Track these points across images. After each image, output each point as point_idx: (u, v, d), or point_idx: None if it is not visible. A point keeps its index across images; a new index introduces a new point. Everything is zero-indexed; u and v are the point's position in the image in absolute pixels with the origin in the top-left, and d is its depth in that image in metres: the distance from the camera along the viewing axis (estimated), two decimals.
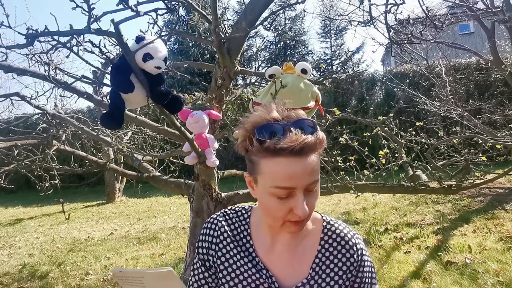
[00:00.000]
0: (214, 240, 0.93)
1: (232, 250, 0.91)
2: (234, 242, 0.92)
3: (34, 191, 5.88)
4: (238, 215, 0.97)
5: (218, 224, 0.95)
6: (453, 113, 5.54)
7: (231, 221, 0.96)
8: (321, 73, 10.74)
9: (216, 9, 2.22)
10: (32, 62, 1.84)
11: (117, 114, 1.30)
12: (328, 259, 0.88)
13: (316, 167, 0.78)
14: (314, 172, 0.77)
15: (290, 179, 0.76)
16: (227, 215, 0.97)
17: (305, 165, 0.76)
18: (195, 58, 14.04)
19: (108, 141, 3.52)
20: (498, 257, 3.44)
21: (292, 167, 0.75)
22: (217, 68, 2.61)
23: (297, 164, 0.75)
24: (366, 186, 2.97)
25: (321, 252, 0.89)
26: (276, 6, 11.17)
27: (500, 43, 8.56)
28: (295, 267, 0.89)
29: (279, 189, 0.77)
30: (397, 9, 2.46)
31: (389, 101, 9.29)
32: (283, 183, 0.76)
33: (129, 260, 4.43)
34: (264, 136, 0.77)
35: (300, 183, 0.77)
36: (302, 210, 0.76)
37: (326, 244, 0.90)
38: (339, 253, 0.88)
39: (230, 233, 0.93)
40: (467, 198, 5.46)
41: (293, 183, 0.76)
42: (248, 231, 0.94)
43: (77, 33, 1.29)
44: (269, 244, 0.91)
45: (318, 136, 0.78)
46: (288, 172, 0.75)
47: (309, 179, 0.77)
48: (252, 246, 0.92)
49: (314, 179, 0.78)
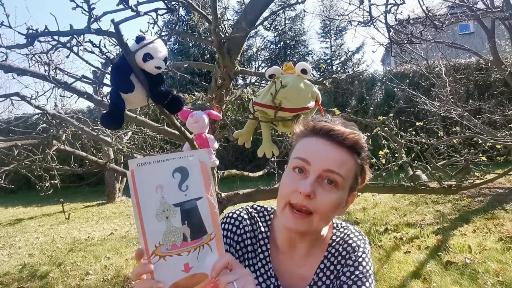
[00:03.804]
0: (236, 238, 0.90)
1: (250, 252, 0.89)
2: (254, 244, 0.90)
3: (34, 191, 5.87)
4: (260, 215, 0.95)
5: (242, 222, 0.92)
6: (453, 113, 5.54)
7: (254, 220, 0.93)
8: (321, 73, 10.76)
9: (216, 9, 2.22)
10: (32, 62, 1.84)
11: (117, 114, 1.30)
12: (332, 264, 0.88)
13: (340, 162, 0.79)
14: (336, 163, 0.78)
15: (309, 152, 0.79)
16: (250, 213, 0.94)
17: (329, 149, 0.79)
18: (195, 58, 14.06)
19: (108, 141, 3.52)
20: (498, 257, 3.44)
21: (316, 145, 0.80)
22: (217, 68, 2.61)
23: (322, 145, 0.80)
24: (366, 186, 2.96)
25: (326, 257, 0.89)
26: (276, 6, 11.17)
27: (500, 43, 8.56)
28: (303, 273, 0.88)
29: (296, 159, 0.80)
30: (397, 9, 2.45)
31: (389, 101, 9.29)
32: (302, 154, 0.80)
33: (129, 260, 4.43)
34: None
35: (316, 162, 0.78)
36: (305, 187, 0.76)
37: (333, 249, 0.89)
38: (343, 258, 0.87)
39: (252, 233, 0.91)
40: (467, 198, 5.46)
41: (310, 158, 0.79)
42: (268, 234, 0.92)
43: (77, 33, 1.29)
44: (285, 250, 0.89)
45: (357, 139, 0.80)
46: (311, 146, 0.80)
47: (327, 164, 0.77)
48: (268, 250, 0.90)
49: (332, 168, 0.77)
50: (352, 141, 0.79)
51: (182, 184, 0.66)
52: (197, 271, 0.65)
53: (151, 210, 0.63)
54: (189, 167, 0.66)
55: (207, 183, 0.67)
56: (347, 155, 0.79)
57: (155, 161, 0.65)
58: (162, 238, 0.63)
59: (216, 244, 0.67)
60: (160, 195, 0.64)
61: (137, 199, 0.62)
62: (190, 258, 0.65)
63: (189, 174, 0.66)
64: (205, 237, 0.66)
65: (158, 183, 0.64)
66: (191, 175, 0.66)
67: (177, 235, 0.65)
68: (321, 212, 0.78)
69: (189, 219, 0.65)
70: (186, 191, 0.66)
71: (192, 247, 0.65)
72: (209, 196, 0.67)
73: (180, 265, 0.65)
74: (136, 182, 0.63)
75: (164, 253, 0.64)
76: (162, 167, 0.65)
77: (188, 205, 0.66)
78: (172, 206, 0.64)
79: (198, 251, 0.66)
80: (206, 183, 0.67)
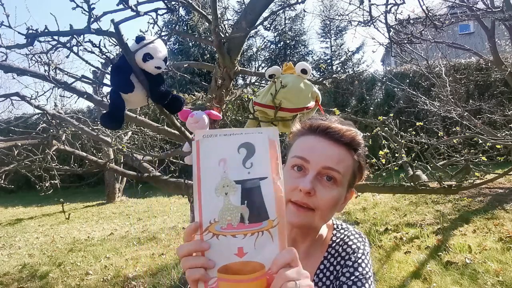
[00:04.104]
0: None
1: None
2: None
3: (34, 191, 5.87)
4: None
5: None
6: (453, 113, 5.54)
7: None
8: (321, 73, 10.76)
9: (216, 9, 2.22)
10: (32, 62, 1.84)
11: (117, 114, 1.30)
12: (332, 264, 0.88)
13: (338, 158, 0.80)
14: (334, 160, 0.80)
15: (308, 151, 0.80)
16: None
17: (327, 147, 0.80)
18: (195, 58, 14.06)
19: (108, 141, 3.52)
20: (498, 257, 3.44)
21: (314, 143, 0.81)
22: (217, 68, 2.61)
23: (320, 142, 0.81)
24: (366, 186, 2.97)
25: (326, 258, 0.89)
26: (276, 6, 11.16)
27: (500, 43, 8.56)
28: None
29: (295, 158, 0.81)
30: (397, 9, 2.46)
31: (389, 101, 9.29)
32: (301, 152, 0.81)
33: (129, 260, 4.43)
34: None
35: (315, 160, 0.79)
36: (305, 184, 0.77)
37: (333, 250, 0.89)
38: (343, 259, 0.87)
39: None
40: (467, 198, 5.46)
41: (309, 156, 0.79)
42: None
43: (77, 33, 1.29)
44: None
45: (353, 136, 0.82)
46: (309, 144, 0.81)
47: (325, 161, 0.79)
48: None
49: (331, 165, 0.79)
50: (349, 138, 0.81)
51: (246, 160, 0.61)
52: (252, 258, 0.59)
53: (211, 183, 0.60)
54: (256, 144, 0.61)
55: (275, 164, 0.61)
56: (344, 152, 0.81)
57: (221, 134, 0.62)
58: (218, 215, 0.59)
59: (278, 233, 0.60)
60: (222, 169, 0.60)
61: (199, 171, 0.60)
62: (246, 243, 0.59)
63: (256, 151, 0.61)
64: (265, 222, 0.60)
65: (222, 157, 0.60)
66: (257, 152, 0.61)
67: (234, 214, 0.59)
68: (322, 209, 0.79)
69: (249, 199, 0.60)
70: (250, 169, 0.60)
71: (250, 231, 0.59)
72: (275, 178, 0.61)
73: (234, 248, 0.59)
74: (200, 153, 0.60)
75: (218, 231, 0.59)
76: (228, 141, 0.61)
77: (250, 184, 0.60)
78: (233, 183, 0.60)
79: (255, 237, 0.59)
80: (273, 163, 0.61)
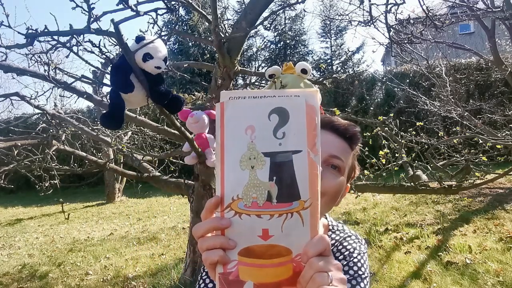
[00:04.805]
0: None
1: None
2: None
3: (34, 191, 5.87)
4: None
5: None
6: (453, 113, 5.54)
7: None
8: (321, 73, 10.76)
9: (216, 9, 2.22)
10: (32, 62, 1.84)
11: (117, 114, 1.30)
12: None
13: (342, 149, 0.83)
14: (339, 150, 0.83)
15: None
16: None
17: (332, 138, 0.83)
18: (195, 58, 14.04)
19: (108, 141, 3.52)
20: (498, 257, 3.44)
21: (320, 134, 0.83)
22: (217, 68, 2.61)
23: (325, 134, 0.83)
24: (366, 186, 2.97)
25: None
26: (276, 6, 11.16)
27: (500, 43, 8.55)
28: None
29: None
30: (397, 9, 2.46)
31: (389, 101, 9.29)
32: None
33: (129, 260, 4.43)
34: None
35: (322, 149, 0.80)
36: None
37: None
38: (338, 260, 0.87)
39: None
40: (467, 198, 5.46)
41: None
42: None
43: (77, 33, 1.28)
44: None
45: (356, 132, 0.85)
46: None
47: (331, 150, 0.81)
48: None
49: (337, 154, 0.82)
50: (352, 132, 0.85)
51: (278, 129, 0.52)
52: (278, 242, 0.52)
53: (235, 154, 0.52)
54: (291, 110, 0.52)
55: (311, 135, 0.53)
56: (346, 145, 0.85)
57: (251, 96, 0.53)
58: (242, 191, 0.51)
59: (310, 217, 0.52)
60: (249, 138, 0.52)
61: (222, 138, 0.52)
62: (272, 224, 0.51)
63: (290, 118, 0.52)
64: (296, 203, 0.51)
65: (249, 123, 0.52)
66: (291, 120, 0.52)
67: (260, 192, 0.51)
68: (329, 194, 0.81)
69: (279, 175, 0.51)
70: (281, 140, 0.52)
71: (277, 212, 0.51)
72: (310, 152, 0.53)
73: (258, 229, 0.52)
74: (225, 117, 0.52)
75: (241, 209, 0.52)
76: (258, 105, 0.52)
77: (281, 157, 0.52)
78: (261, 155, 0.52)
79: (283, 219, 0.51)
80: (310, 134, 0.53)
